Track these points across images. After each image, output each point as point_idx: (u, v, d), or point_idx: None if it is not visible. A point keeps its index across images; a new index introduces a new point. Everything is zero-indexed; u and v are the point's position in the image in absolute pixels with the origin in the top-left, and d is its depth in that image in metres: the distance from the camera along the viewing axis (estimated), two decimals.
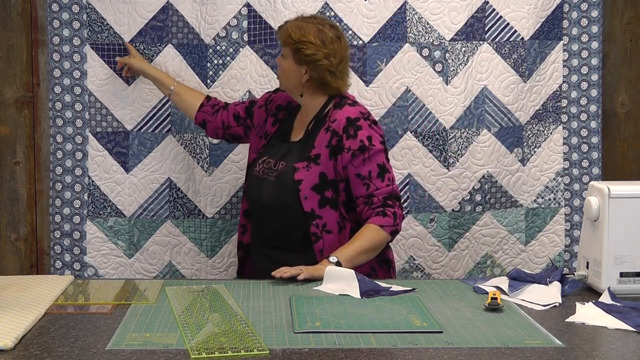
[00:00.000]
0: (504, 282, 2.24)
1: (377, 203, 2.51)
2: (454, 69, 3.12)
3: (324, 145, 2.55)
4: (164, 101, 3.12)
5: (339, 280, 2.24)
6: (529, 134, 3.21)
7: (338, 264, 2.38)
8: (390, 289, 2.21)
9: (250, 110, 2.85)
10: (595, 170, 3.23)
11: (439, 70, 3.12)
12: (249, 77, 3.12)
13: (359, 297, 2.14)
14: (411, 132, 3.13)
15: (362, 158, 2.52)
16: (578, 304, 2.08)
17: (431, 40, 3.12)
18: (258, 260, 2.71)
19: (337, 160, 2.53)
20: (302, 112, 2.70)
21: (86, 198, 3.15)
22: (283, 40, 2.63)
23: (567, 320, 1.97)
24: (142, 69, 3.04)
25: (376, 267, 2.60)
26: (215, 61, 3.10)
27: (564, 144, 3.23)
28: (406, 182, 3.13)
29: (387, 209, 2.51)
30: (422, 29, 3.11)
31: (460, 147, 3.14)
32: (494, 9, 3.13)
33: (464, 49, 3.13)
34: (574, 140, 3.23)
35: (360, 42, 3.09)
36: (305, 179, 2.53)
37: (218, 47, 3.10)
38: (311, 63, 2.58)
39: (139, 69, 3.04)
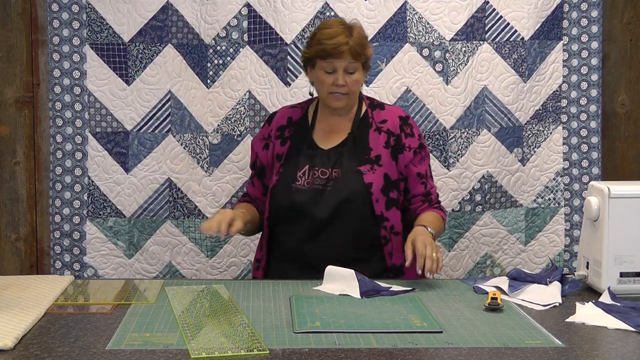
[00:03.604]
0: (504, 282, 2.24)
1: (434, 201, 2.57)
2: (454, 69, 3.12)
3: (381, 146, 2.50)
4: (164, 101, 3.12)
5: (339, 280, 2.24)
6: (529, 134, 3.21)
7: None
8: (390, 289, 2.20)
9: (260, 165, 2.60)
10: (595, 170, 3.23)
11: (439, 70, 3.12)
12: (249, 77, 3.12)
13: (359, 297, 2.14)
14: None
15: (420, 156, 2.55)
16: (578, 304, 2.08)
17: (431, 40, 3.11)
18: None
19: (398, 160, 2.50)
20: (324, 121, 2.55)
21: (86, 198, 3.15)
22: (353, 57, 2.41)
23: (567, 320, 1.97)
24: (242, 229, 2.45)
25: None
26: (216, 61, 3.10)
27: (563, 144, 3.23)
28: None
29: (442, 207, 2.60)
30: (423, 29, 3.11)
31: (460, 147, 3.14)
32: (494, 9, 3.13)
33: (464, 49, 3.13)
34: (574, 140, 3.23)
35: None
36: (374, 182, 2.45)
37: (218, 47, 3.10)
38: (366, 63, 2.50)
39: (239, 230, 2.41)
